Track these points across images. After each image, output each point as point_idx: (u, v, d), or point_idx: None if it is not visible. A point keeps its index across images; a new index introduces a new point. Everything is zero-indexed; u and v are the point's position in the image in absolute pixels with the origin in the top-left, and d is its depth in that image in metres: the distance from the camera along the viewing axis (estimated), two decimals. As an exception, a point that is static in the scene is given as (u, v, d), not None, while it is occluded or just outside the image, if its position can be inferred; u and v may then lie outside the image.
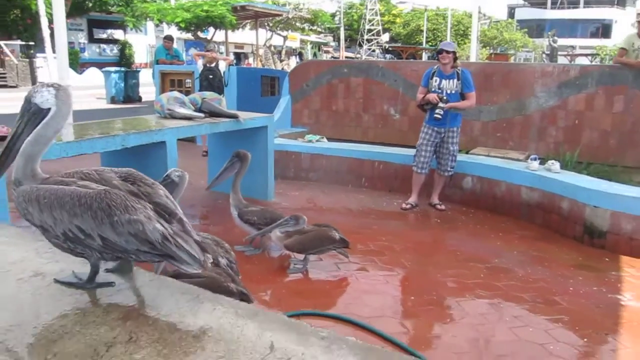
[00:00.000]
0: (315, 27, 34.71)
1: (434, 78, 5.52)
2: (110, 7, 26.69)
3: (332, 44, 61.90)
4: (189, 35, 15.86)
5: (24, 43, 24.42)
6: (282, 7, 17.79)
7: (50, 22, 22.22)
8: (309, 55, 46.57)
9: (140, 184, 1.47)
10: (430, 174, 5.77)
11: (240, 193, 4.31)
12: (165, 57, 9.80)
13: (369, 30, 63.43)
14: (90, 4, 26.73)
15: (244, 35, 24.11)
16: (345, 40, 63.90)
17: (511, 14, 55.73)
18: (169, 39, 10.10)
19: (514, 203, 5.46)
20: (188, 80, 9.34)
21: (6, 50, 23.84)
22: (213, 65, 7.92)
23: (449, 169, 5.63)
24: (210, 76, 7.76)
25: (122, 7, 25.00)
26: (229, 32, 17.70)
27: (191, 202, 5.53)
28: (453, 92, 5.45)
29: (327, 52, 53.55)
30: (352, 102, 7.90)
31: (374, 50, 53.62)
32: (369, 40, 54.70)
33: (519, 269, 4.12)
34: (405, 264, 4.17)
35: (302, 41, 48.06)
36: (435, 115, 5.40)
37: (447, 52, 5.38)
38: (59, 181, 1.44)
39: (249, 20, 16.10)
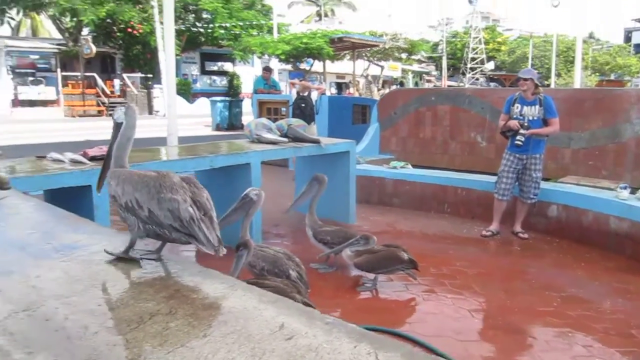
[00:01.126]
0: (414, 57, 34.88)
1: (516, 105, 5.50)
2: (220, 42, 28.62)
3: (434, 73, 61.54)
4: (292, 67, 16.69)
5: (143, 75, 26.80)
6: (379, 37, 18.21)
7: (167, 56, 23.73)
8: (410, 85, 46.64)
9: (191, 184, 1.78)
10: (514, 201, 5.70)
11: (315, 214, 4.56)
12: (263, 87, 10.44)
13: (473, 59, 62.38)
14: (203, 39, 28.90)
15: (344, 66, 24.86)
16: (449, 69, 63.33)
17: (627, 38, 52.21)
18: (267, 69, 10.76)
19: (601, 233, 5.24)
20: (283, 109, 9.88)
21: (128, 82, 26.30)
22: (305, 94, 8.35)
23: (531, 196, 5.53)
24: (302, 104, 8.21)
25: (230, 41, 26.73)
26: (330, 63, 18.39)
27: (276, 222, 5.86)
28: (535, 118, 5.39)
29: (429, 81, 53.34)
30: (439, 130, 7.96)
31: (477, 79, 52.62)
32: (472, 69, 53.71)
33: (596, 300, 3.99)
34: (475, 289, 4.18)
35: (403, 70, 48.24)
36: (516, 142, 5.37)
37: (525, 79, 5.36)
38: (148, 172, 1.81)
39: (347, 51, 16.62)
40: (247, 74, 38.49)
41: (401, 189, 6.79)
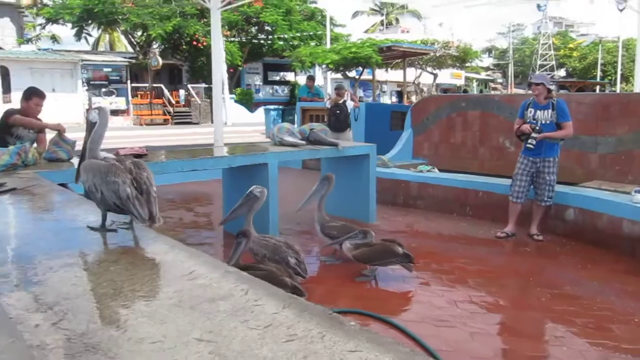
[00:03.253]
0: (477, 64, 34.39)
1: (529, 109, 5.63)
2: (281, 52, 29.54)
3: (500, 80, 60.12)
4: (352, 74, 17.00)
5: (207, 86, 28.04)
6: (429, 46, 18.31)
7: (229, 67, 25.17)
8: (474, 93, 45.89)
9: (138, 168, 2.19)
10: (530, 204, 5.80)
11: (324, 211, 4.91)
12: (307, 95, 10.90)
13: (542, 66, 60.37)
14: (265, 50, 29.92)
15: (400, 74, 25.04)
16: (517, 76, 61.69)
17: None
18: (310, 78, 11.24)
19: (615, 236, 5.27)
20: (325, 116, 10.30)
21: (192, 92, 27.60)
22: (341, 102, 8.70)
23: (545, 199, 5.63)
24: (337, 111, 8.58)
25: (290, 52, 27.52)
26: (385, 72, 18.64)
27: (299, 220, 6.24)
28: (548, 122, 5.50)
29: (494, 88, 52.25)
30: (469, 135, 8.10)
31: (545, 86, 50.81)
32: (540, 76, 51.83)
33: (586, 297, 4.09)
34: (470, 283, 4.38)
35: (467, 78, 47.58)
36: (527, 145, 5.50)
37: (536, 84, 5.49)
38: (101, 160, 2.23)
39: (398, 60, 16.85)
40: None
41: (425, 192, 7.01)
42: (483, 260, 5.04)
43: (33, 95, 5.15)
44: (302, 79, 37.47)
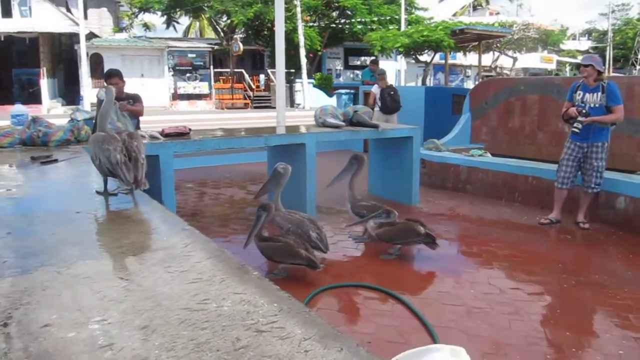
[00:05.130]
0: (570, 47, 32.46)
1: (578, 92, 5.42)
2: (361, 36, 29.46)
3: (597, 64, 56.18)
4: (437, 59, 16.70)
5: (287, 70, 28.57)
6: (507, 28, 17.56)
7: (309, 52, 25.48)
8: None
9: (132, 138, 2.45)
10: (579, 191, 5.61)
11: (355, 190, 5.04)
12: (370, 79, 10.96)
13: (646, 48, 56.05)
14: (345, 35, 29.99)
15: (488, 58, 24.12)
16: (618, 60, 57.59)
17: None
18: (374, 62, 11.29)
19: (664, 227, 5.01)
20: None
21: (272, 77, 28.22)
22: (390, 85, 9.08)
23: (592, 185, 5.42)
24: (392, 92, 8.86)
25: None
26: (467, 55, 18.13)
27: (343, 200, 6.41)
28: (597, 105, 5.27)
29: (590, 73, 49.06)
30: (527, 120, 7.85)
31: (650, 70, 47.41)
32: (644, 59, 48.43)
33: (614, 287, 3.95)
34: (493, 267, 4.37)
35: (559, 63, 45.12)
36: (573, 129, 5.32)
37: (585, 65, 5.27)
38: (106, 133, 2.52)
39: (473, 43, 16.38)
40: (390, 68, 39.13)
41: (474, 177, 6.92)
42: (516, 245, 4.96)
43: (112, 76, 5.62)
44: (384, 65, 37.36)
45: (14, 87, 22.67)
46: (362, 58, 38.27)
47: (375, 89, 9.22)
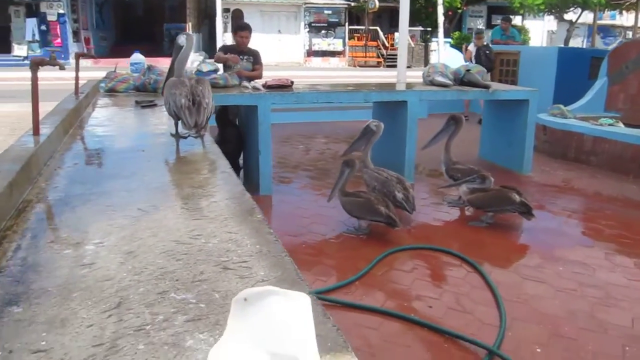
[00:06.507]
0: None
1: None
2: (507, -7, 27.54)
3: None
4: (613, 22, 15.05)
5: (422, 29, 27.70)
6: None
7: (447, 10, 24.47)
8: None
9: (199, 83, 2.54)
10: None
11: (451, 152, 4.84)
12: (500, 38, 10.26)
13: None
14: (489, -9, 28.22)
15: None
16: None
17: None
18: (506, 20, 10.51)
19: None
20: (515, 60, 9.66)
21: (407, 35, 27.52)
22: (485, 44, 9.28)
23: None
24: (487, 52, 9.04)
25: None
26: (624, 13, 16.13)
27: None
28: None
29: None
30: (675, 87, 6.89)
31: None
32: None
33: None
34: (595, 245, 3.99)
35: None
36: None
37: None
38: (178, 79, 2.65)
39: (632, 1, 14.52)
40: (537, 28, 36.15)
41: (599, 148, 6.28)
42: (630, 226, 4.44)
43: (238, 29, 5.81)
44: (531, 24, 34.65)
45: (165, 41, 24.51)
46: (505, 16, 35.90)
47: (471, 47, 9.25)
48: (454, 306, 3.02)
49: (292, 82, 5.18)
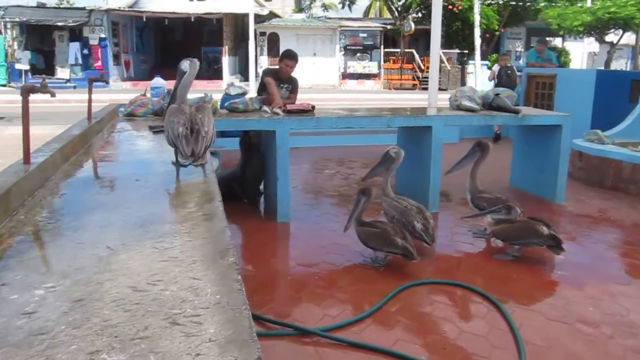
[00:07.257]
0: None
1: None
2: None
3: None
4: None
5: (460, 51, 27.44)
6: None
7: (485, 32, 24.24)
8: None
9: (198, 110, 2.44)
10: None
11: (477, 180, 4.63)
12: (535, 60, 9.97)
13: None
14: (528, 13, 27.80)
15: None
16: None
17: None
18: (541, 42, 10.23)
19: None
20: (551, 83, 9.34)
21: (443, 57, 27.28)
22: (509, 65, 9.91)
23: None
24: (509, 72, 9.68)
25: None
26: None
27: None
28: None
29: None
30: None
31: None
32: None
33: None
34: (631, 284, 3.70)
35: None
36: None
37: None
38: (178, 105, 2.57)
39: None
40: (578, 50, 35.35)
41: (639, 176, 5.95)
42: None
43: (284, 57, 5.68)
44: (572, 46, 33.93)
45: (202, 64, 24.99)
46: (548, 39, 35.22)
47: (495, 67, 9.84)
48: (470, 349, 2.81)
49: (313, 107, 5.08)
